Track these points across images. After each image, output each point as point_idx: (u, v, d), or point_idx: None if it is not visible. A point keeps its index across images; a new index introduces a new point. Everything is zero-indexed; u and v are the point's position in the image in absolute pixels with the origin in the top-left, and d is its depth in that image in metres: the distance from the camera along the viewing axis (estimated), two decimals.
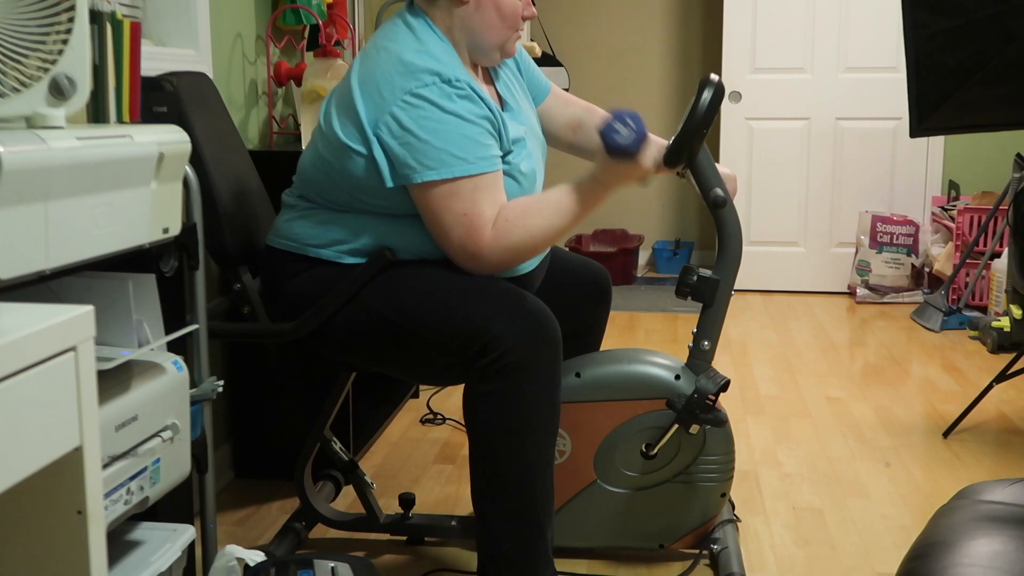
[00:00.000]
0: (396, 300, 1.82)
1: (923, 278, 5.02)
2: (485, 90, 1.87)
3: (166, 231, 1.56)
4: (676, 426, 2.06)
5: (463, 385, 1.84)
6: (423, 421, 3.17)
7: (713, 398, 2.03)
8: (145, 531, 1.66)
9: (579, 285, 2.19)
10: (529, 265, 1.93)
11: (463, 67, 1.84)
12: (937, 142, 5.03)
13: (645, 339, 4.22)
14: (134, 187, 1.45)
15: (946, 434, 3.01)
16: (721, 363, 3.80)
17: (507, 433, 1.75)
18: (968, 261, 4.51)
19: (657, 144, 1.90)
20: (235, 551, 1.73)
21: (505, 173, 1.85)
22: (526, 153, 1.91)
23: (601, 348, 2.30)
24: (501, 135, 1.84)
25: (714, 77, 2.01)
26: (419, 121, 1.74)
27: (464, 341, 1.75)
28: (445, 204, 1.76)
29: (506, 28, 1.88)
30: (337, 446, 2.25)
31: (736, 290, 5.17)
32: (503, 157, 1.85)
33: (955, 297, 4.54)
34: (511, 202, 1.81)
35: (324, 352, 1.92)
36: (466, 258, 1.80)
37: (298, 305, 1.88)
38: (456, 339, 1.76)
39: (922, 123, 2.74)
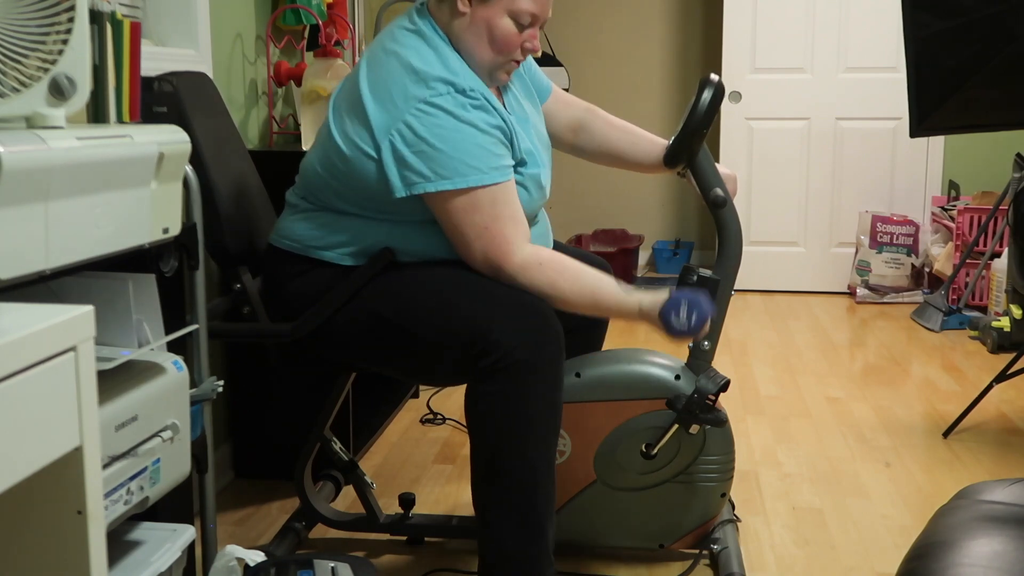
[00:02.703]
0: (397, 301, 1.82)
1: (923, 278, 5.02)
2: (496, 99, 1.87)
3: (166, 231, 1.56)
4: (676, 426, 2.06)
5: (464, 385, 1.84)
6: (423, 421, 3.17)
7: (713, 398, 2.03)
8: (145, 531, 1.66)
9: None
10: None
11: (474, 76, 1.83)
12: (937, 142, 5.03)
13: (645, 339, 4.22)
14: (134, 187, 1.45)
15: (946, 434, 3.01)
16: (721, 363, 3.80)
17: (509, 433, 1.75)
18: (968, 261, 4.51)
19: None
20: (235, 551, 1.73)
21: (517, 183, 1.85)
22: (540, 164, 1.92)
23: (602, 347, 2.30)
24: (513, 144, 1.84)
25: (714, 77, 2.01)
26: (433, 130, 1.74)
27: (466, 341, 1.75)
28: (465, 217, 1.76)
29: (495, 53, 1.83)
30: (337, 446, 2.25)
31: (736, 290, 5.17)
32: (516, 167, 1.86)
33: (955, 297, 4.54)
34: (556, 254, 1.81)
35: (325, 353, 1.92)
36: (487, 270, 1.80)
37: (299, 305, 1.88)
38: (458, 340, 1.76)
39: (922, 123, 2.74)
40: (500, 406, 1.75)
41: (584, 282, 1.81)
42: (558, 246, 2.18)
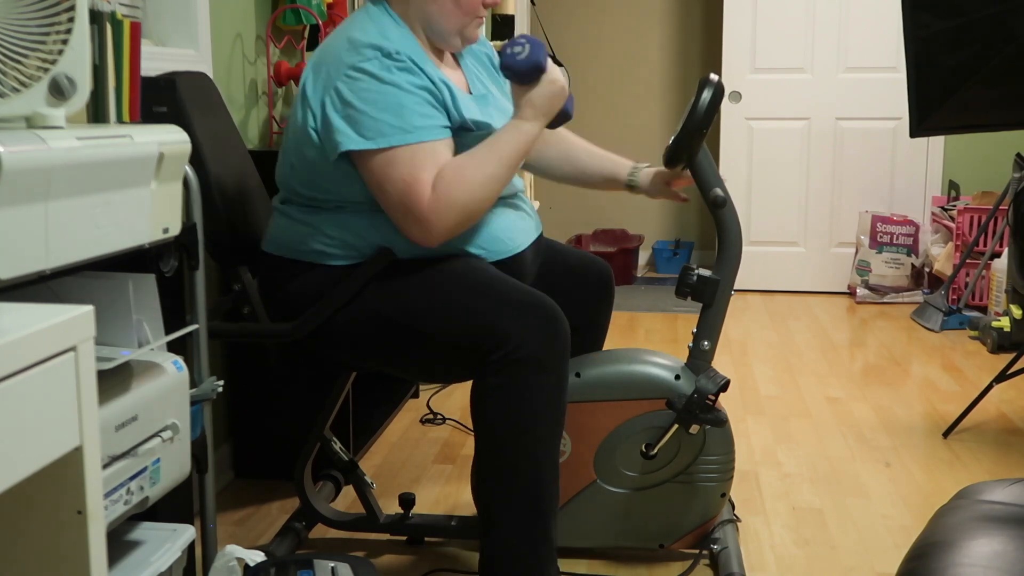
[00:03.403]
0: (405, 299, 1.82)
1: (923, 278, 5.02)
2: (449, 74, 1.90)
3: (166, 231, 1.56)
4: (676, 426, 2.06)
5: (466, 385, 1.84)
6: (423, 421, 3.17)
7: (713, 398, 2.03)
8: (145, 531, 1.66)
9: (581, 280, 2.19)
10: (518, 244, 1.94)
11: (414, 45, 1.85)
12: (937, 142, 5.03)
13: (645, 339, 4.22)
14: (134, 187, 1.45)
15: (946, 434, 3.01)
16: (721, 363, 3.80)
17: (517, 428, 1.76)
18: (968, 261, 4.51)
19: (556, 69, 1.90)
20: (235, 551, 1.73)
21: (467, 132, 1.86)
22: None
23: (602, 347, 2.30)
24: (448, 107, 1.83)
25: (714, 77, 2.01)
26: (359, 93, 1.76)
27: (476, 337, 1.76)
28: (384, 173, 1.76)
29: (463, 15, 1.88)
30: (337, 446, 2.25)
31: (736, 290, 5.17)
32: (462, 130, 1.86)
33: (955, 297, 4.54)
34: (448, 162, 1.79)
35: (330, 353, 1.92)
36: (413, 225, 1.77)
37: (298, 305, 1.88)
38: (468, 335, 1.77)
39: (922, 123, 2.74)
40: (509, 401, 1.76)
41: (482, 161, 1.79)
42: (557, 244, 2.19)
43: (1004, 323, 3.94)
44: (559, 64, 2.21)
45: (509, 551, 1.80)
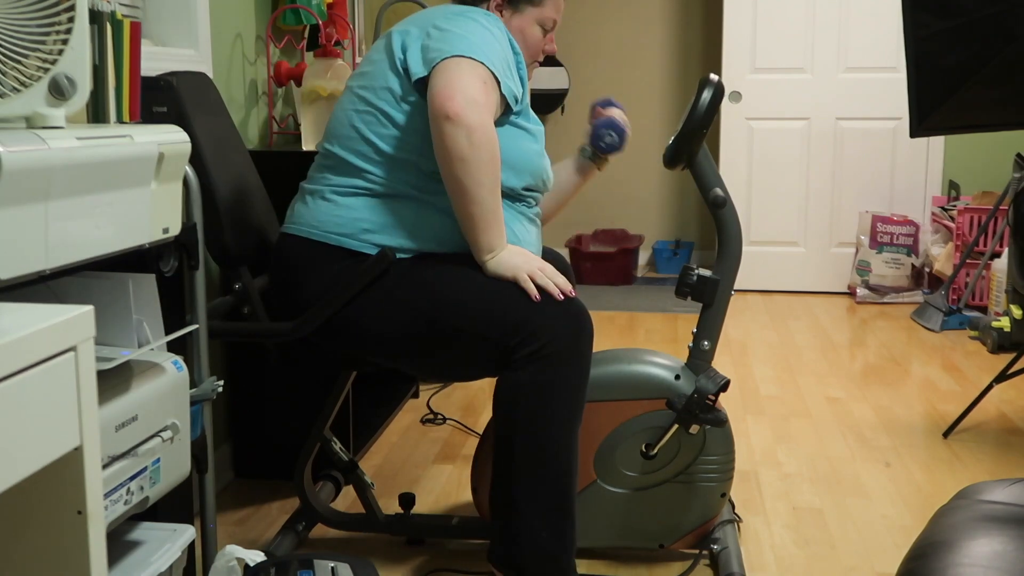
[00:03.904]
0: (435, 295, 1.83)
1: (923, 278, 5.02)
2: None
3: (166, 231, 1.56)
4: (676, 426, 2.06)
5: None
6: (423, 421, 3.17)
7: (713, 398, 2.03)
8: (145, 531, 1.66)
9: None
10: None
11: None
12: (937, 142, 5.03)
13: (645, 339, 4.22)
14: (134, 187, 1.45)
15: (946, 434, 3.01)
16: (721, 363, 3.80)
17: (548, 421, 1.79)
18: (968, 261, 4.51)
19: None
20: (235, 551, 1.73)
21: (523, 129, 1.92)
22: (541, 139, 1.99)
23: (599, 348, 2.30)
24: (522, 79, 1.91)
25: (714, 77, 2.02)
26: (457, 24, 1.83)
27: (508, 331, 1.78)
28: (470, 72, 1.76)
29: (526, 56, 1.99)
30: (337, 446, 2.25)
31: (736, 290, 5.17)
32: (518, 116, 1.91)
33: (955, 297, 4.54)
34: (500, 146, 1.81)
35: (343, 348, 1.91)
36: (447, 99, 1.74)
37: (317, 294, 1.88)
38: (500, 329, 1.78)
39: (922, 123, 2.74)
40: (542, 395, 1.78)
41: (493, 192, 1.78)
42: (548, 251, 2.19)
43: (1004, 323, 3.94)
44: (559, 64, 2.25)
45: (539, 543, 1.81)
